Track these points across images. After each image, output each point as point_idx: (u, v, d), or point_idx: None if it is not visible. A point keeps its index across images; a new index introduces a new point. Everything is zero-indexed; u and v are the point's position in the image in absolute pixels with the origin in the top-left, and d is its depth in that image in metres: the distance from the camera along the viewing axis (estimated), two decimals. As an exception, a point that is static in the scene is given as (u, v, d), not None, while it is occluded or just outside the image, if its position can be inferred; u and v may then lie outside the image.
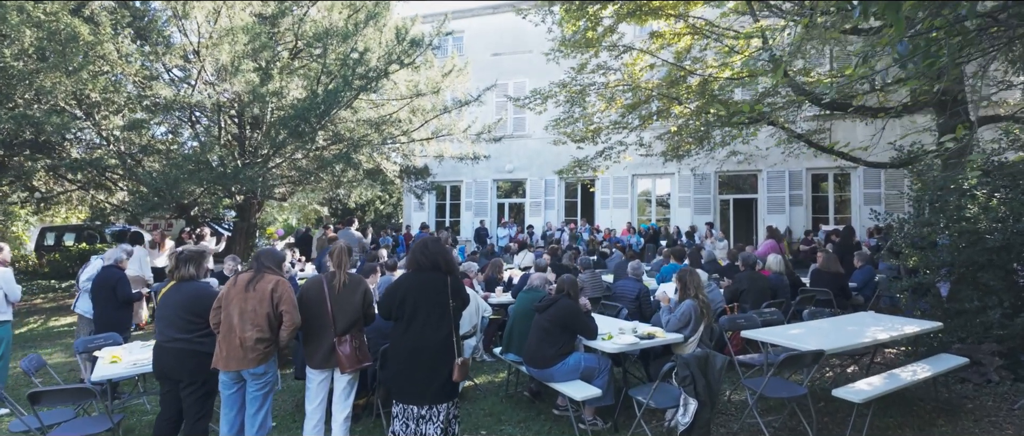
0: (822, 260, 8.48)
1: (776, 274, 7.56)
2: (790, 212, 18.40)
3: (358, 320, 4.30)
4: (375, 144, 13.01)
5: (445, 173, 22.20)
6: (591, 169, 13.15)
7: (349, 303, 4.26)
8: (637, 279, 7.04)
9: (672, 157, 13.80)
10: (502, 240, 20.50)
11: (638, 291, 6.81)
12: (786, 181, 18.47)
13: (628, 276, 7.17)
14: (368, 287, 4.43)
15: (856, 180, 18.09)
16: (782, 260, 7.60)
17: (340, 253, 4.36)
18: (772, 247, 10.55)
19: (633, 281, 7.00)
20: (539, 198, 21.53)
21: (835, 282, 8.05)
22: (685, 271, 5.44)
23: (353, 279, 4.38)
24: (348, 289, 4.29)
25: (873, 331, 5.26)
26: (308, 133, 10.72)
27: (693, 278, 5.34)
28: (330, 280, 4.29)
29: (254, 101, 10.16)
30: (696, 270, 5.72)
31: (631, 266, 7.15)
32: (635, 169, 19.87)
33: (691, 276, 5.37)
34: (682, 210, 19.71)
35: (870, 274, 9.20)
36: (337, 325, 4.21)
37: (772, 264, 7.59)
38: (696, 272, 5.47)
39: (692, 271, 5.46)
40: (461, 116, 14.40)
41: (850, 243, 10.58)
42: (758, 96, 11.27)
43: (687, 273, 5.41)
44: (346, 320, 4.24)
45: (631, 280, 7.04)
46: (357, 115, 11.95)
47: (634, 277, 7.05)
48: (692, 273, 5.41)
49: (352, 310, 4.26)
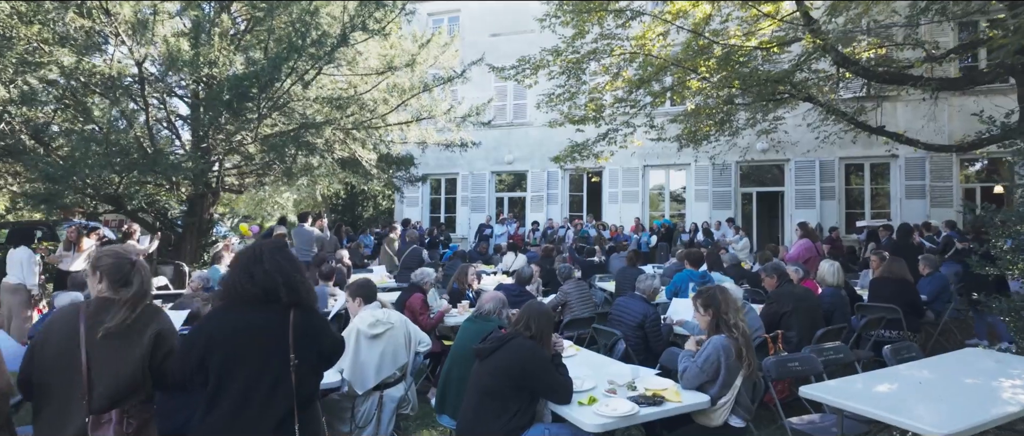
0: (883, 265, 6.55)
1: (832, 289, 5.62)
2: (821, 207, 16.36)
3: (137, 386, 2.45)
4: (343, 127, 11.17)
5: (439, 164, 20.38)
6: (593, 156, 11.25)
7: (119, 357, 2.41)
8: (647, 299, 5.12)
9: (688, 142, 11.87)
10: (499, 238, 18.67)
11: (643, 316, 4.91)
12: (816, 172, 16.42)
13: (636, 292, 5.26)
14: (166, 327, 2.56)
15: (896, 170, 16.01)
16: (838, 271, 5.66)
17: (108, 265, 2.51)
18: (807, 249, 8.60)
19: (640, 301, 5.10)
20: (541, 192, 19.63)
21: (904, 295, 6.12)
22: (712, 290, 3.55)
23: (145, 312, 2.52)
24: (123, 334, 2.43)
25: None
26: (250, 110, 8.91)
27: (726, 299, 3.45)
28: (92, 315, 2.44)
29: (178, 70, 8.36)
30: (728, 286, 3.83)
31: (641, 281, 5.22)
32: (646, 159, 17.94)
33: (723, 296, 3.48)
34: (699, 205, 17.73)
35: (942, 284, 7.26)
36: (92, 394, 2.37)
37: (826, 275, 5.65)
38: (727, 289, 3.57)
39: (723, 288, 3.57)
40: (444, 96, 12.53)
41: (909, 243, 8.60)
42: (791, 67, 9.31)
43: (717, 292, 3.52)
44: (111, 386, 2.39)
45: (638, 299, 5.13)
46: (315, 92, 10.10)
47: (643, 296, 5.14)
48: (723, 291, 3.52)
49: (124, 368, 2.42)
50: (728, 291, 3.54)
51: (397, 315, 4.17)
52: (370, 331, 3.97)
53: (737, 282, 8.05)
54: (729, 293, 3.52)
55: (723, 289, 3.55)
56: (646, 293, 5.13)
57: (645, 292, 5.11)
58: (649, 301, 5.08)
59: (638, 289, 5.18)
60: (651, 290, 5.12)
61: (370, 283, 4.26)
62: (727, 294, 3.49)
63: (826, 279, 5.62)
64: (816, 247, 8.85)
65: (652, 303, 5.10)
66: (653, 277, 5.19)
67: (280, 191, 14.59)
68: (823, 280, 5.65)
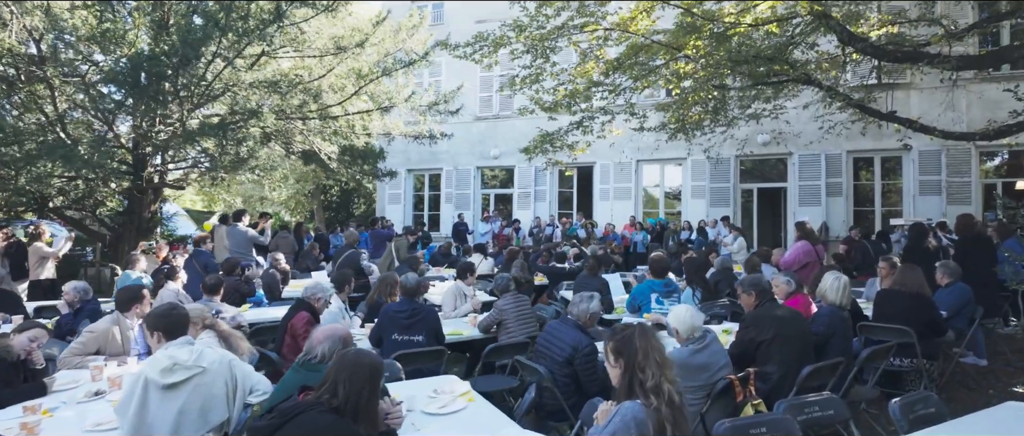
0: (895, 275, 5.34)
1: (834, 308, 4.40)
2: (827, 204, 15.08)
3: None
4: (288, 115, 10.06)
5: (422, 159, 19.27)
6: (567, 147, 10.06)
7: None
8: (582, 326, 3.92)
9: (676, 132, 10.66)
10: (483, 237, 17.54)
11: (573, 349, 3.71)
12: (822, 166, 15.14)
13: (569, 316, 4.08)
14: None
15: (909, 165, 14.71)
16: (845, 286, 4.42)
17: None
18: (805, 253, 7.38)
19: (573, 328, 3.91)
20: (528, 188, 18.44)
21: (920, 312, 4.92)
22: (629, 333, 2.37)
23: None
24: None
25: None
26: (168, 95, 7.81)
27: (646, 347, 2.28)
28: None
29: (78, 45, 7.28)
30: (654, 327, 2.67)
31: (575, 303, 4.00)
32: (640, 154, 16.73)
33: (644, 342, 2.31)
34: (695, 202, 16.48)
35: (964, 296, 6.05)
36: None
37: (829, 290, 4.40)
38: (652, 333, 2.38)
39: (646, 330, 2.39)
40: (409, 83, 11.39)
41: (923, 247, 7.35)
42: (785, 41, 8.08)
43: (636, 336, 2.35)
44: None
45: (570, 325, 3.94)
46: (251, 76, 8.98)
47: (576, 321, 3.95)
48: (645, 335, 2.34)
49: None
50: (652, 335, 2.36)
51: (215, 355, 3.03)
52: (163, 380, 2.83)
53: (722, 293, 6.86)
54: (653, 338, 2.34)
55: (646, 331, 2.37)
56: (580, 318, 3.93)
57: (579, 317, 3.92)
58: (584, 329, 3.90)
59: (571, 313, 3.99)
60: (586, 315, 3.93)
61: (175, 311, 3.10)
62: (650, 339, 2.32)
63: (827, 295, 4.40)
64: (816, 251, 7.63)
65: (588, 331, 3.91)
66: (591, 298, 4.00)
67: (226, 186, 13.42)
68: (824, 296, 4.44)
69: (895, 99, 14.41)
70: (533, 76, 8.70)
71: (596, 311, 3.93)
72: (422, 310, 4.68)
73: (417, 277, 4.92)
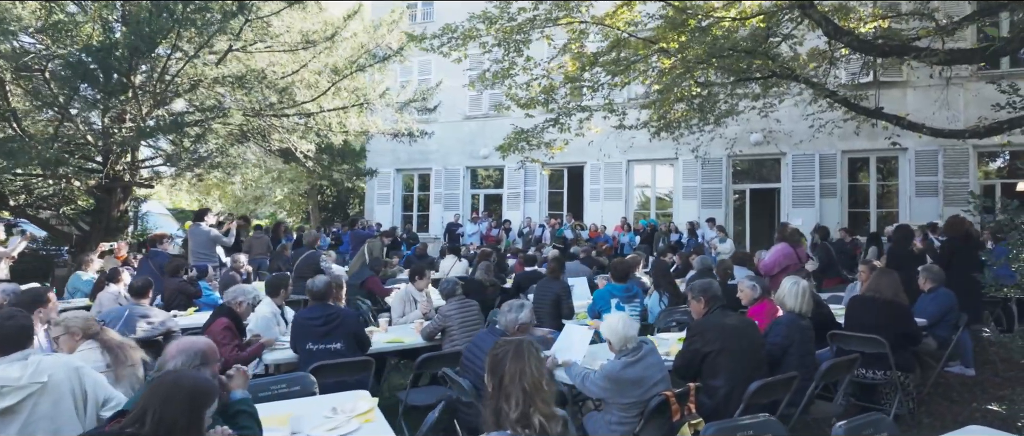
0: (868, 280, 4.97)
1: (793, 317, 4.00)
2: (821, 205, 14.67)
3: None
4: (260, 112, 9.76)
5: (411, 159, 18.96)
6: (544, 146, 9.71)
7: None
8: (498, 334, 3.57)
9: (658, 130, 10.31)
10: (472, 238, 17.21)
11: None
12: (816, 166, 14.74)
13: (497, 326, 3.72)
14: None
15: (905, 165, 14.28)
16: (804, 292, 4.02)
17: None
18: (785, 256, 7.00)
19: (490, 333, 3.56)
20: (518, 188, 18.09)
21: (894, 321, 4.55)
22: (503, 348, 2.03)
23: None
24: None
25: None
26: (118, 88, 7.51)
27: (520, 368, 1.93)
28: None
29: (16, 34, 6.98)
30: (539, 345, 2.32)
31: (504, 311, 3.62)
32: (631, 154, 16.34)
33: (516, 364, 1.96)
34: (687, 203, 16.10)
35: (948, 302, 5.68)
36: None
37: (787, 295, 3.99)
38: (530, 352, 2.03)
39: (523, 346, 2.04)
40: (383, 79, 11.07)
41: (908, 251, 6.96)
42: (761, 32, 7.70)
43: (511, 351, 2.00)
44: None
45: (496, 337, 3.57)
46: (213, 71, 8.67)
47: (503, 333, 3.59)
48: (520, 350, 2.00)
49: None
50: (530, 355, 2.01)
51: (55, 363, 2.67)
52: (-5, 401, 2.49)
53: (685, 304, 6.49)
54: (529, 360, 1.99)
55: (522, 351, 2.02)
56: (507, 329, 3.58)
57: (506, 328, 3.57)
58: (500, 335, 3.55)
59: (498, 322, 3.64)
60: (513, 326, 3.57)
61: (8, 322, 2.68)
62: (523, 362, 1.97)
63: (785, 302, 4.01)
64: (797, 254, 7.24)
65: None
66: (521, 307, 3.64)
67: (218, 185, 13.06)
68: (782, 303, 4.05)
69: (890, 97, 14.02)
70: (504, 71, 8.35)
71: (525, 321, 3.58)
72: (338, 315, 4.32)
73: (326, 279, 4.56)
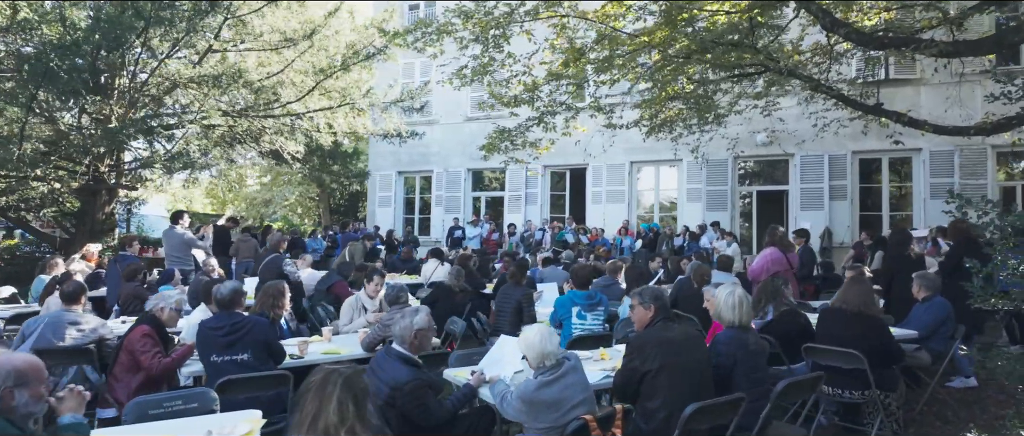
0: (840, 290, 4.54)
1: (734, 331, 3.56)
2: (830, 208, 14.11)
3: None
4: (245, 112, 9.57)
5: (412, 161, 18.73)
6: (531, 146, 9.36)
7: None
8: (406, 356, 3.17)
9: (651, 129, 9.90)
10: (472, 241, 16.90)
11: (390, 392, 2.95)
12: (825, 168, 14.19)
13: (393, 346, 3.35)
14: None
15: (919, 166, 13.69)
16: (741, 301, 3.56)
17: None
18: (773, 262, 6.56)
19: (394, 361, 3.15)
20: (519, 191, 17.73)
21: (866, 336, 4.11)
22: (310, 382, 1.68)
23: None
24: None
25: None
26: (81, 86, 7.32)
27: (313, 409, 1.58)
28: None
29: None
30: (359, 370, 2.01)
31: (396, 320, 3.29)
32: (634, 155, 15.92)
33: (315, 398, 1.61)
34: (692, 206, 15.61)
35: (943, 313, 5.23)
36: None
37: (723, 307, 3.54)
38: (342, 382, 1.69)
39: (328, 379, 1.70)
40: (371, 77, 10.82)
41: (904, 256, 6.48)
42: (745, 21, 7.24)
43: (311, 389, 1.65)
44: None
45: (394, 356, 3.20)
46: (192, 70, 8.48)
47: (401, 350, 3.20)
48: (322, 386, 1.65)
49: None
50: (346, 380, 1.68)
51: None
52: None
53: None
54: (342, 386, 1.65)
55: (327, 381, 1.69)
56: (404, 340, 3.22)
57: (403, 338, 3.21)
58: (410, 357, 3.19)
59: (393, 335, 3.28)
60: (409, 333, 3.18)
61: None
62: (329, 395, 1.63)
63: (723, 314, 3.57)
64: (787, 259, 6.79)
65: (415, 361, 3.20)
66: (415, 312, 3.29)
67: (176, 186, 12.90)
68: (719, 316, 3.62)
69: (903, 95, 13.43)
70: (482, 67, 8.02)
71: (422, 327, 3.22)
72: (244, 323, 3.99)
73: (233, 286, 4.24)
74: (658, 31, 7.67)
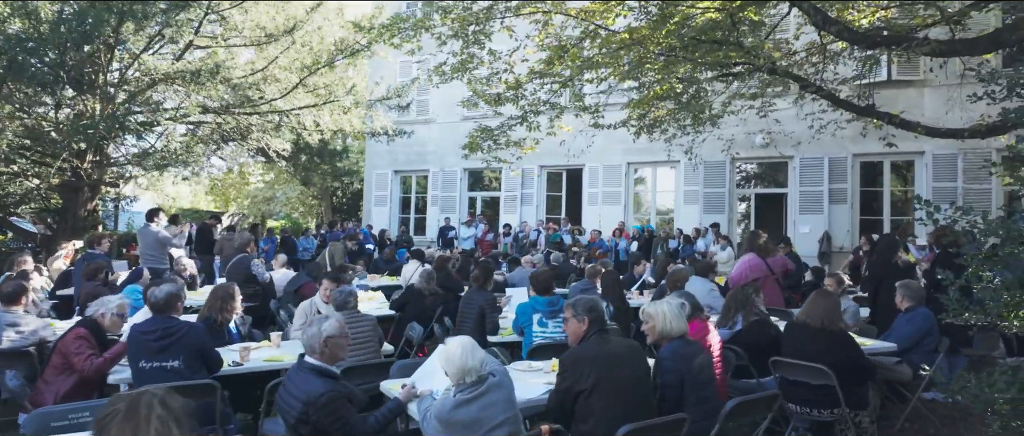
0: (805, 303, 4.28)
1: (676, 344, 3.29)
2: (829, 212, 13.77)
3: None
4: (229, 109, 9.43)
5: (409, 160, 18.55)
6: (514, 145, 9.13)
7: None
8: (321, 367, 2.95)
9: (639, 130, 9.66)
10: (466, 242, 16.70)
11: (303, 408, 2.75)
12: (825, 170, 13.86)
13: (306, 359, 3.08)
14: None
15: (922, 170, 13.34)
16: (680, 311, 3.29)
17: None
18: (752, 267, 6.29)
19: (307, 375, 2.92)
20: (515, 191, 17.50)
21: (830, 353, 3.86)
22: (107, 413, 1.47)
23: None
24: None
25: None
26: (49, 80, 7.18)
27: None
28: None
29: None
30: (166, 401, 1.90)
31: (305, 329, 3.05)
32: (631, 156, 15.65)
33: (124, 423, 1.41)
34: (688, 208, 15.31)
35: (926, 324, 4.97)
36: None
37: (659, 322, 3.13)
38: (152, 405, 1.48)
39: (136, 404, 1.49)
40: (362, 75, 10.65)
41: (891, 263, 6.20)
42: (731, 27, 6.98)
43: (112, 418, 1.45)
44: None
45: (305, 372, 2.96)
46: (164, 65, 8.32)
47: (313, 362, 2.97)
48: (131, 413, 1.45)
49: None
50: (160, 404, 1.48)
51: None
52: None
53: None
54: (155, 411, 1.45)
55: (138, 405, 1.50)
56: (313, 350, 2.99)
57: (311, 348, 2.99)
58: (325, 369, 2.97)
59: (305, 347, 3.04)
60: (318, 341, 2.94)
61: None
62: (140, 422, 1.43)
63: (659, 326, 3.27)
64: (767, 265, 6.53)
65: (330, 372, 2.98)
66: (324, 319, 3.07)
67: (156, 183, 12.77)
68: (664, 332, 3.34)
69: (906, 96, 13.09)
70: (462, 64, 7.80)
71: (332, 334, 2.99)
72: (178, 328, 3.80)
73: (169, 289, 4.05)
74: (641, 28, 7.42)
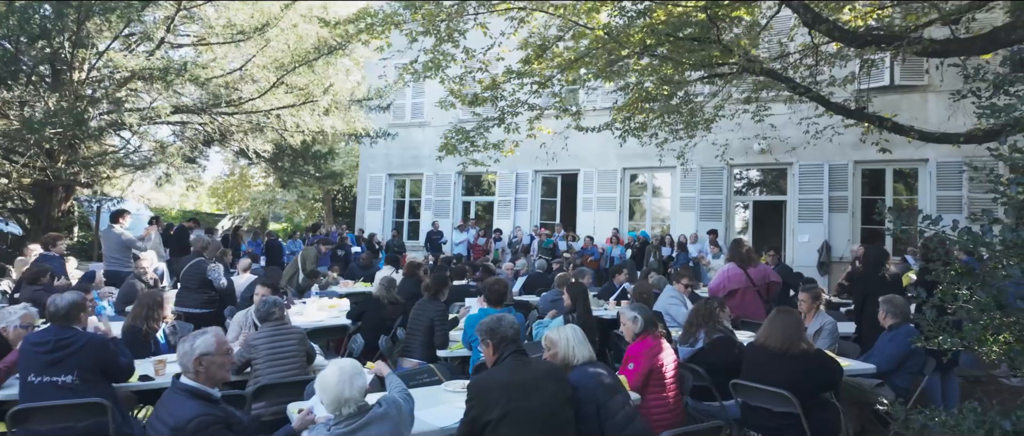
0: (764, 324, 3.88)
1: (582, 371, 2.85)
2: (829, 220, 13.32)
3: None
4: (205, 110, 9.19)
5: (403, 164, 18.25)
6: (493, 147, 8.79)
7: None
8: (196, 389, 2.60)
9: (624, 133, 9.31)
10: (459, 247, 16.40)
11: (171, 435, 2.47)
12: (825, 178, 13.40)
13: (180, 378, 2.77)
14: None
15: (926, 178, 12.86)
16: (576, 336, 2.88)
17: None
18: (730, 278, 5.90)
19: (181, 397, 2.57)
20: (509, 196, 17.14)
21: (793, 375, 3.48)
22: None
23: None
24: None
25: None
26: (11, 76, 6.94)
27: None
28: None
29: None
30: None
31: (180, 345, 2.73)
32: (627, 161, 15.27)
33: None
34: (685, 214, 14.89)
35: (904, 341, 4.58)
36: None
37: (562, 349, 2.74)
38: None
39: None
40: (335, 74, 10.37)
41: (878, 276, 5.78)
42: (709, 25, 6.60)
43: None
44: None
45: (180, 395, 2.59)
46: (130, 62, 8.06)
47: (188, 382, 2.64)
48: None
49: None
50: None
51: None
52: None
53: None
54: None
55: None
56: (187, 369, 2.63)
57: (185, 367, 2.64)
58: (202, 389, 2.62)
59: (180, 366, 2.71)
60: (190, 360, 2.59)
61: None
62: None
63: (560, 352, 2.89)
64: (747, 275, 6.12)
65: (205, 393, 2.63)
66: (196, 335, 2.73)
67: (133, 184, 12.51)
68: (565, 359, 2.92)
69: (910, 101, 12.64)
70: (434, 63, 7.47)
71: (207, 352, 2.66)
72: (73, 340, 3.46)
73: (72, 298, 3.73)
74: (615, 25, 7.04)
